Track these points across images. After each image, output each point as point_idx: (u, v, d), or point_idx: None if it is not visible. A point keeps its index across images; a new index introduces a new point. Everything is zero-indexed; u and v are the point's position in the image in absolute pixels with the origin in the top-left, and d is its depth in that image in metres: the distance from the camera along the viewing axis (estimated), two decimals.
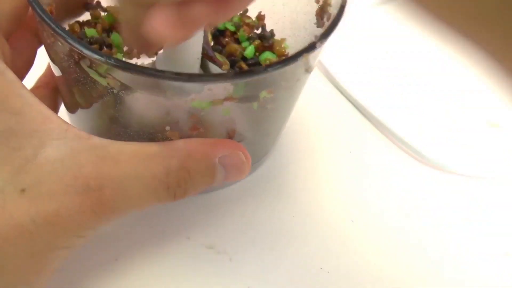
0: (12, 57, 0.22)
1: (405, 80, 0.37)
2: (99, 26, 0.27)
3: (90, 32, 0.26)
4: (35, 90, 0.26)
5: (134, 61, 0.29)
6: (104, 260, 0.26)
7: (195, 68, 0.25)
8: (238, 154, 0.21)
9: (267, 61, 0.27)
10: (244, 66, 0.28)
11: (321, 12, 0.25)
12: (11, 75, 0.19)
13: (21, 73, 0.24)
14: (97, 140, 0.19)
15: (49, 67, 0.27)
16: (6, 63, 0.20)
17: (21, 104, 0.18)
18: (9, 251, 0.17)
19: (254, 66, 0.28)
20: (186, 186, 0.20)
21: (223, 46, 0.29)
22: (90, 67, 0.20)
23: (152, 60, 0.28)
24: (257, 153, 0.29)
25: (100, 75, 0.20)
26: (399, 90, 0.36)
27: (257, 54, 0.29)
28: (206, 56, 0.26)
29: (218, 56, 0.27)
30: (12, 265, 0.18)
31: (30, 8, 0.20)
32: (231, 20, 0.30)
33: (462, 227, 0.30)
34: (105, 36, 0.27)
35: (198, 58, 0.25)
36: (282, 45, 0.29)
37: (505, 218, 0.30)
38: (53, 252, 0.18)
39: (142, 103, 0.21)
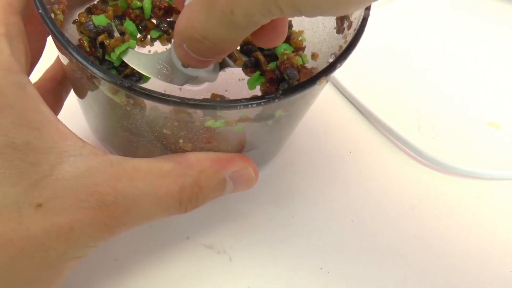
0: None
1: (405, 80, 0.36)
2: (109, 11, 0.26)
3: (98, 20, 0.25)
4: (41, 83, 0.26)
5: (147, 48, 0.29)
6: (104, 261, 0.26)
7: None
8: (247, 169, 0.23)
9: (284, 55, 0.27)
10: (260, 57, 0.27)
11: (342, 18, 0.25)
12: (32, 90, 0.19)
13: (31, 64, 0.24)
14: (112, 157, 0.20)
15: (55, 62, 0.27)
16: (26, 70, 0.20)
17: (40, 120, 0.19)
18: (25, 263, 0.18)
19: (270, 57, 0.28)
20: (197, 201, 0.21)
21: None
22: (104, 85, 0.20)
23: (166, 48, 0.28)
24: (266, 157, 0.30)
25: (114, 93, 0.20)
26: (399, 90, 0.36)
27: None
28: None
29: (234, 51, 0.26)
30: (27, 276, 0.18)
31: None
32: None
33: (462, 227, 0.30)
34: (118, 23, 0.27)
35: None
36: (300, 38, 0.28)
37: (505, 218, 0.30)
38: (66, 262, 0.19)
39: (156, 119, 0.21)
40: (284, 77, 0.26)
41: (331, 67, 0.21)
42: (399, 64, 0.37)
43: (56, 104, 0.27)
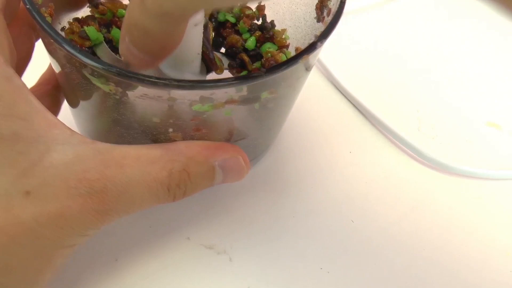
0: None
1: (405, 80, 0.37)
2: (95, 24, 0.27)
3: (90, 31, 0.26)
4: (37, 87, 0.26)
5: None
6: (104, 261, 0.26)
7: (196, 63, 0.25)
8: (237, 158, 0.22)
9: (268, 53, 0.27)
10: (245, 57, 0.28)
11: (321, 6, 0.25)
12: (19, 81, 0.19)
13: (19, 67, 0.24)
14: (100, 144, 0.20)
15: (50, 66, 0.27)
16: (12, 66, 0.20)
17: (28, 110, 0.19)
18: (16, 250, 0.18)
19: (255, 57, 0.28)
20: (185, 188, 0.21)
21: (224, 37, 0.29)
22: (92, 74, 0.20)
23: None
24: (258, 148, 0.30)
25: (102, 82, 0.20)
26: (399, 90, 0.36)
27: (258, 45, 0.29)
28: (206, 56, 0.26)
29: (216, 60, 0.27)
30: (18, 264, 0.18)
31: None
32: (231, 11, 0.30)
33: (462, 227, 0.30)
34: (105, 32, 0.28)
35: (198, 54, 0.25)
36: (283, 36, 0.28)
37: (505, 218, 0.30)
38: (57, 250, 0.19)
39: (145, 107, 0.21)
40: None
41: (312, 46, 0.21)
42: (399, 64, 0.38)
43: (53, 106, 0.27)
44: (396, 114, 0.34)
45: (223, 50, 0.29)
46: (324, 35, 0.22)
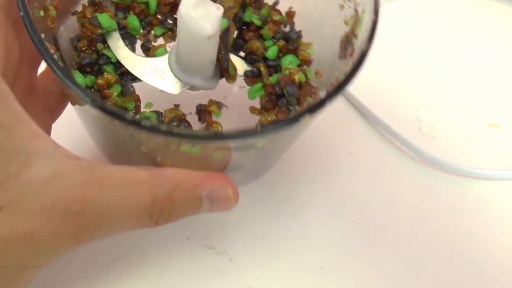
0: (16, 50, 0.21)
1: (405, 80, 0.36)
2: (111, 8, 0.26)
3: (103, 18, 0.25)
4: (43, 75, 0.26)
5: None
6: (104, 261, 0.27)
7: (209, 70, 0.25)
8: (226, 189, 0.21)
9: (287, 70, 0.25)
10: (263, 69, 0.26)
11: (346, 41, 0.24)
12: (4, 87, 0.18)
13: (32, 66, 0.24)
14: (85, 162, 0.19)
15: None
16: (5, 67, 0.20)
17: (11, 119, 0.18)
18: None
19: (275, 68, 0.27)
20: (169, 215, 0.20)
21: (246, 41, 0.28)
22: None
23: (169, 46, 0.27)
24: (253, 176, 0.29)
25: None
26: (399, 90, 0.36)
27: (280, 55, 0.27)
28: (219, 63, 0.25)
29: (230, 68, 0.26)
30: None
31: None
32: (258, 12, 0.28)
33: (462, 227, 0.30)
34: (121, 17, 0.26)
35: (211, 62, 0.24)
36: (308, 50, 0.27)
37: (505, 218, 0.30)
38: (24, 270, 0.18)
39: (132, 136, 0.21)
40: (284, 93, 0.25)
41: (319, 105, 0.19)
42: (399, 64, 0.37)
43: (59, 103, 0.26)
44: (396, 114, 0.34)
45: (243, 53, 0.28)
46: (333, 94, 0.20)
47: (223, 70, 0.26)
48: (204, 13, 0.22)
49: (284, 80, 0.25)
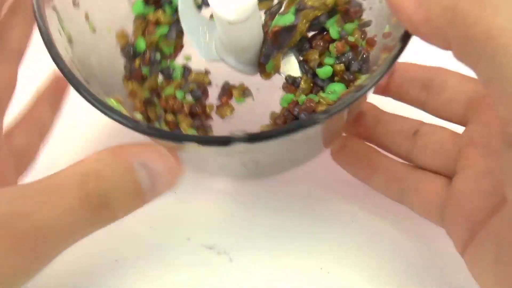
0: None
1: None
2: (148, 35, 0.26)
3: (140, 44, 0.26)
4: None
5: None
6: (104, 261, 0.27)
7: (242, 56, 0.25)
8: (162, 155, 0.18)
9: (319, 98, 0.23)
10: (303, 82, 0.24)
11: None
12: None
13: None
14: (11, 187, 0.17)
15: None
16: None
17: None
18: None
19: (320, 88, 0.25)
20: (108, 204, 0.17)
21: (312, 46, 0.25)
22: None
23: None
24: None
25: None
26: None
27: (336, 78, 0.25)
28: (260, 55, 0.25)
29: (269, 65, 0.25)
30: None
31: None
32: (343, 24, 0.25)
33: None
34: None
35: (244, 48, 0.24)
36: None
37: None
38: None
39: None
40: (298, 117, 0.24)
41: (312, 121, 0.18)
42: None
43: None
44: (396, 113, 0.34)
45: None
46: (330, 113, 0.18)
47: (260, 64, 0.25)
48: None
49: (306, 105, 0.23)
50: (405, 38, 0.20)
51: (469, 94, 0.24)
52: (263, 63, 0.25)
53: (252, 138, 0.17)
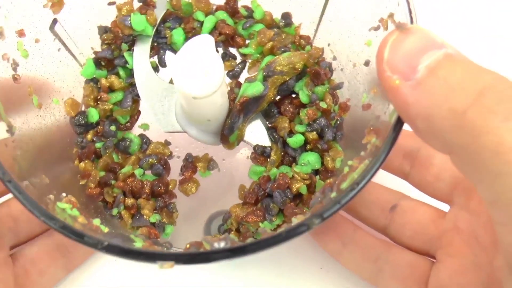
0: None
1: None
2: (150, 12, 0.24)
3: (135, 19, 0.23)
4: None
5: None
6: (104, 261, 0.26)
7: (205, 126, 0.23)
8: None
9: (292, 173, 0.22)
10: (273, 154, 0.23)
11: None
12: None
13: None
14: None
15: None
16: None
17: None
18: None
19: (292, 158, 0.24)
20: None
21: (280, 112, 0.24)
22: None
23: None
24: None
25: None
26: None
27: (308, 147, 0.23)
28: (224, 126, 0.23)
29: (233, 137, 0.23)
30: None
31: None
32: (313, 87, 0.23)
33: None
34: (168, 26, 0.24)
35: (208, 120, 0.23)
36: (336, 160, 0.22)
37: None
38: None
39: None
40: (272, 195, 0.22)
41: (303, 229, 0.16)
42: None
43: None
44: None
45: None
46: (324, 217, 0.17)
47: (222, 136, 0.23)
48: (198, 72, 0.20)
49: (279, 183, 0.22)
50: (398, 126, 0.17)
51: (456, 173, 0.21)
52: (226, 135, 0.23)
53: (236, 251, 0.16)
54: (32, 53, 0.21)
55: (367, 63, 0.21)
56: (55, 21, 0.23)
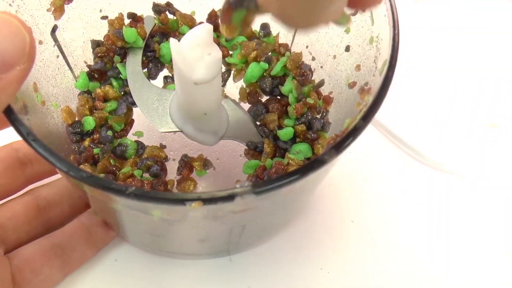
0: None
1: (405, 80, 0.36)
2: (140, 26, 0.25)
3: (127, 32, 0.25)
4: None
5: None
6: (104, 261, 0.27)
7: (202, 122, 0.24)
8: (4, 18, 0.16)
9: (288, 159, 0.23)
10: (266, 147, 0.24)
11: None
12: None
13: None
14: None
15: None
16: None
17: None
18: None
19: (284, 150, 0.24)
20: None
21: (267, 110, 0.25)
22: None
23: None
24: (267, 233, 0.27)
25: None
26: (399, 90, 0.36)
27: (297, 140, 0.24)
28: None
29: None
30: None
31: None
32: (301, 88, 0.25)
33: (462, 226, 0.30)
34: (156, 40, 0.26)
35: (206, 115, 0.23)
36: (326, 144, 0.23)
37: (504, 218, 0.30)
38: None
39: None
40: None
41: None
42: (399, 64, 0.37)
43: None
44: (396, 114, 0.34)
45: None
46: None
47: (226, 8, 0.18)
48: (199, 56, 0.20)
49: (276, 168, 0.22)
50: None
51: None
52: (232, 6, 0.18)
53: (259, 187, 0.16)
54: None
55: (347, 48, 0.23)
56: (55, 27, 0.24)
